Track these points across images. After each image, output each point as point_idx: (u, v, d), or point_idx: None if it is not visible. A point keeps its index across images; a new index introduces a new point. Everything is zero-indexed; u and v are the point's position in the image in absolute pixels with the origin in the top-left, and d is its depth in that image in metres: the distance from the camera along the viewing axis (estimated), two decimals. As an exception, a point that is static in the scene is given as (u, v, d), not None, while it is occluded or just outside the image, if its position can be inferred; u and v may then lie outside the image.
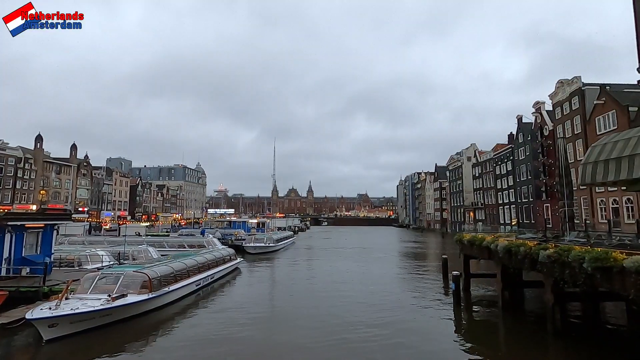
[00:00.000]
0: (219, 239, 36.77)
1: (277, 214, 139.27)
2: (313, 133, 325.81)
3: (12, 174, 60.06)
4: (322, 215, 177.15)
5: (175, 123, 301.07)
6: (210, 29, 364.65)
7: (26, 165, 62.31)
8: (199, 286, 18.13)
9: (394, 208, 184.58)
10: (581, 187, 30.53)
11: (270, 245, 38.69)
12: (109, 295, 12.14)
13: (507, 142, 56.24)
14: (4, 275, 15.60)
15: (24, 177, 62.07)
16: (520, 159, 50.08)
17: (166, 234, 47.09)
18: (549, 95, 40.54)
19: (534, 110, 45.15)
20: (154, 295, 13.65)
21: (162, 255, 23.93)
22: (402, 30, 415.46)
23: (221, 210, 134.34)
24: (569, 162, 18.82)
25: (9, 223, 16.13)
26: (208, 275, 19.42)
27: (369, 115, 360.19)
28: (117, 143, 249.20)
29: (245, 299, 17.32)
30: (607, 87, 31.66)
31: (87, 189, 77.41)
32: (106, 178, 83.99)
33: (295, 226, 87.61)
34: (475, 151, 70.06)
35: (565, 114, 37.51)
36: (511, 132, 54.10)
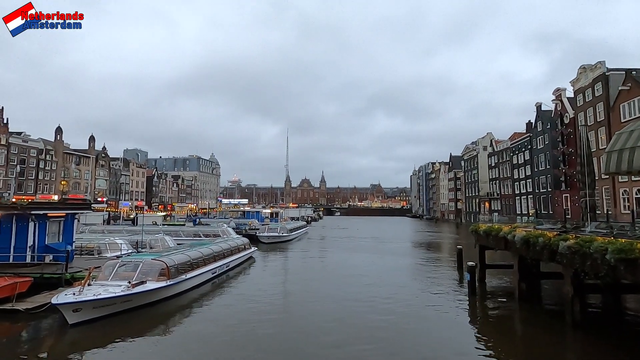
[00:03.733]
0: (233, 228, 37.33)
1: (290, 204, 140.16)
2: (332, 128, 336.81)
3: (34, 165, 61.99)
4: (334, 206, 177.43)
5: (204, 120, 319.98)
6: (254, 40, 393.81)
7: (47, 156, 64.14)
8: (215, 274, 18.47)
9: (407, 198, 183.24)
10: (603, 177, 29.58)
11: (284, 235, 39.03)
12: (129, 282, 12.49)
13: (524, 131, 54.76)
14: (29, 262, 16.19)
15: (46, 168, 63.98)
16: (538, 147, 48.77)
17: (182, 223, 48.02)
18: (570, 82, 39.11)
19: (553, 97, 43.69)
20: (171, 282, 13.98)
21: (178, 244, 24.43)
22: (425, 40, 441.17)
23: (235, 200, 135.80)
24: (591, 150, 18.16)
25: (33, 212, 16.67)
26: (223, 264, 19.75)
27: (387, 111, 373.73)
28: (143, 137, 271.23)
29: (260, 286, 17.55)
30: (632, 73, 30.32)
31: (106, 180, 79.32)
32: (123, 169, 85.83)
33: (308, 216, 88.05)
34: (491, 140, 68.49)
35: (587, 100, 36.18)
36: (529, 121, 52.63)
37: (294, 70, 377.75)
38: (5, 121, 55.20)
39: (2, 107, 54.58)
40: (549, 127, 45.39)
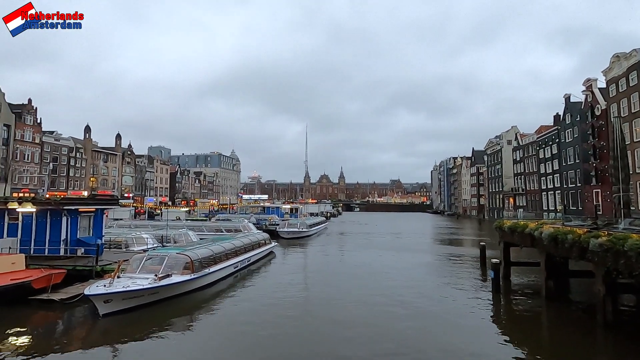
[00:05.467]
0: (253, 223, 37.87)
1: (309, 200, 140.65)
2: (354, 125, 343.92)
3: (65, 163, 64.84)
4: (353, 201, 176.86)
5: (230, 118, 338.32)
6: (285, 45, 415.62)
7: (77, 154, 66.91)
8: (237, 268, 18.82)
9: (427, 194, 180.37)
10: (638, 171, 28.13)
11: (304, 230, 39.27)
12: (156, 275, 12.91)
13: (552, 124, 52.70)
14: (62, 255, 17.01)
15: (76, 165, 66.80)
16: (567, 141, 46.84)
17: (204, 218, 49.14)
18: (602, 72, 37.27)
19: (584, 88, 41.73)
20: (195, 276, 14.35)
21: (200, 238, 25.04)
22: (450, 41, 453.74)
23: (255, 196, 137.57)
24: (625, 143, 17.22)
25: (65, 207, 17.45)
26: (245, 259, 20.10)
27: (410, 108, 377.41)
28: (170, 135, 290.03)
29: (281, 281, 17.76)
30: (671, 60, 28.57)
31: (132, 176, 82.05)
32: (148, 166, 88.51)
33: (327, 212, 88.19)
34: (516, 134, 66.29)
35: (621, 91, 34.39)
36: (557, 113, 50.60)
37: (321, 71, 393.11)
38: (38, 121, 57.88)
39: (36, 108, 57.23)
40: (578, 119, 43.46)
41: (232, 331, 10.82)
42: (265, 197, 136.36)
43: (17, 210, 16.99)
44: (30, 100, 56.33)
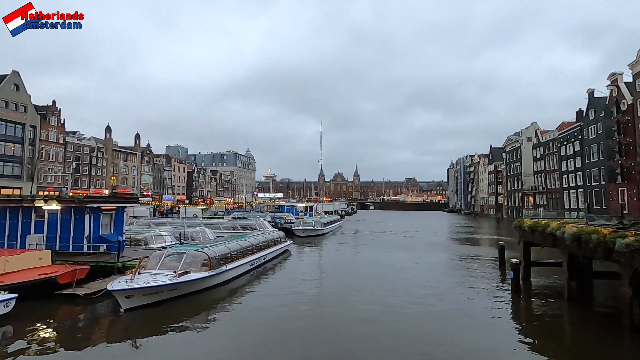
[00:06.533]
0: (269, 221, 38.17)
1: (324, 198, 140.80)
2: (371, 124, 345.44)
3: (87, 162, 66.85)
4: (368, 200, 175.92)
5: (248, 119, 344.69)
6: (306, 48, 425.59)
7: (99, 153, 68.86)
8: (253, 266, 19.02)
9: (443, 192, 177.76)
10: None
11: (319, 228, 39.32)
12: (175, 272, 13.20)
13: (574, 120, 51.00)
14: (86, 251, 17.57)
15: (97, 164, 68.78)
16: (590, 137, 45.25)
17: (220, 216, 49.82)
18: (628, 65, 35.83)
19: (608, 82, 40.19)
20: (213, 273, 14.58)
21: (217, 236, 25.39)
22: (469, 43, 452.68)
23: (270, 194, 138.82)
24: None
25: (88, 205, 18.03)
26: (261, 256, 20.28)
27: (426, 107, 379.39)
28: (190, 135, 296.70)
29: (297, 279, 17.85)
30: None
31: (150, 175, 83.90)
32: (166, 164, 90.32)
33: (342, 210, 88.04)
34: (536, 131, 64.43)
35: (648, 85, 32.97)
36: (580, 109, 48.92)
37: (340, 72, 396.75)
38: (62, 122, 59.80)
39: (60, 109, 59.12)
40: (602, 115, 41.92)
41: (249, 328, 10.95)
42: (280, 195, 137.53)
43: (43, 208, 17.65)
44: (54, 102, 58.21)
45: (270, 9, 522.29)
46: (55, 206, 17.42)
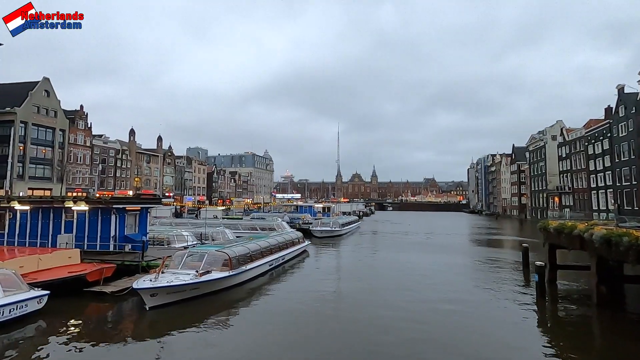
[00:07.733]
0: (287, 222, 38.46)
1: (342, 199, 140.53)
2: (392, 125, 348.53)
3: (112, 164, 69.21)
4: (386, 200, 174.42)
5: (270, 121, 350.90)
6: (332, 54, 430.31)
7: (123, 156, 71.19)
8: (272, 266, 19.21)
9: (464, 193, 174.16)
10: None
11: (336, 229, 39.29)
12: (197, 271, 13.52)
13: (602, 118, 48.99)
14: (112, 250, 18.21)
15: (122, 166, 71.11)
16: (620, 135, 43.36)
17: (239, 217, 50.53)
18: (661, 59, 34.05)
19: (639, 78, 38.43)
20: (233, 272, 14.84)
21: (237, 236, 25.78)
22: (494, 45, 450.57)
23: (288, 195, 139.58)
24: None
25: (114, 206, 18.68)
26: (279, 257, 20.46)
27: (448, 107, 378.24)
28: (212, 137, 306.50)
29: (316, 280, 17.92)
30: None
31: (172, 176, 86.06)
32: (186, 166, 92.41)
33: (360, 211, 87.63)
34: (562, 129, 62.20)
35: (684, 80, 31.30)
36: (609, 105, 46.94)
37: (364, 76, 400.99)
38: (89, 125, 62.16)
39: (87, 113, 61.49)
40: (633, 111, 40.11)
41: (268, 328, 11.08)
42: (298, 196, 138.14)
43: (72, 208, 18.41)
44: (81, 107, 60.58)
45: (298, 18, 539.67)
46: (83, 207, 18.14)
